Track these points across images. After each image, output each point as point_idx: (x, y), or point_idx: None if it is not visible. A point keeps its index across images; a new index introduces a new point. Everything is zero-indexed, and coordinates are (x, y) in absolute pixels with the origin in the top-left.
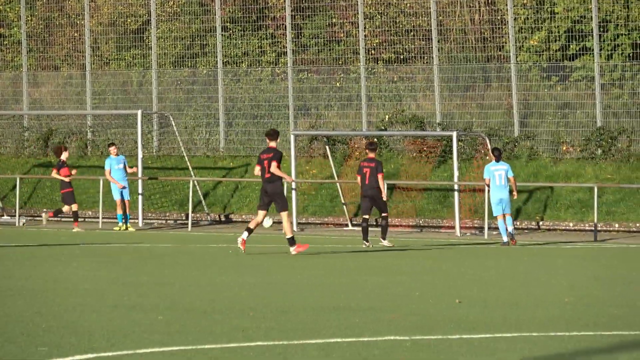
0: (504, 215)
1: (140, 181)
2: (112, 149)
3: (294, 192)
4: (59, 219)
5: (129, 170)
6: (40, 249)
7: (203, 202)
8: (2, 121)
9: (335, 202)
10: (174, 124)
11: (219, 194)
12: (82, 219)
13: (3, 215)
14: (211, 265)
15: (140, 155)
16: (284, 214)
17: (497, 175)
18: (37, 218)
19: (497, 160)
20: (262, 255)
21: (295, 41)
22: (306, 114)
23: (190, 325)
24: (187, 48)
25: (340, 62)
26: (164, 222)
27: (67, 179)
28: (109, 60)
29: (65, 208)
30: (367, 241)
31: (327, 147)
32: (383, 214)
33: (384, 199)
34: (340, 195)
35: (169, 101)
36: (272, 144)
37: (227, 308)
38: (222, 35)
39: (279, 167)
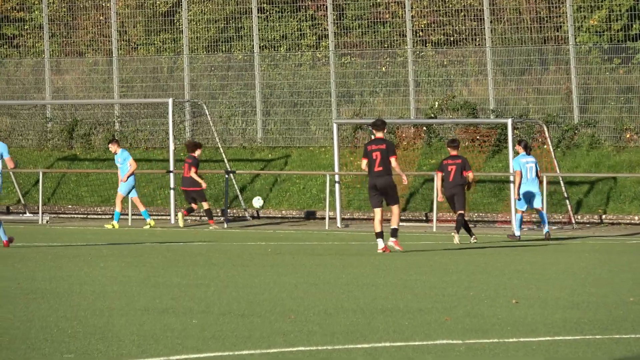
0: (527, 211)
1: (171, 175)
2: (112, 146)
3: (337, 185)
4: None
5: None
6: (66, 248)
7: (240, 196)
8: (23, 111)
9: None
10: (207, 113)
11: (256, 188)
12: (110, 216)
13: (25, 213)
14: (249, 264)
15: (171, 147)
16: (397, 207)
17: (528, 168)
18: (62, 215)
19: (527, 153)
20: (304, 253)
21: (337, 23)
22: (349, 101)
23: (226, 330)
24: (221, 31)
25: (385, 45)
26: (197, 218)
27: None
28: (137, 45)
29: (206, 205)
30: (473, 235)
31: (372, 136)
32: (460, 211)
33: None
34: None
35: (202, 89)
36: (380, 134)
37: (266, 311)
38: (258, 17)
39: (396, 160)
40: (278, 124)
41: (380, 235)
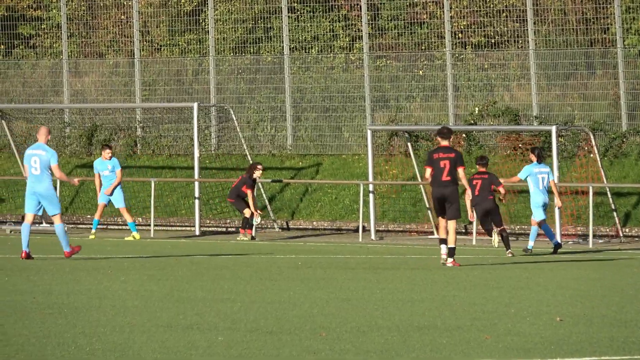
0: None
1: (196, 184)
2: (107, 152)
3: (371, 195)
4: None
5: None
6: (84, 260)
7: (268, 207)
8: (40, 116)
9: (418, 206)
10: (234, 119)
11: (286, 197)
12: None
13: (41, 222)
14: (277, 278)
15: (196, 155)
16: (454, 223)
17: (541, 179)
18: (80, 226)
19: (539, 162)
20: (335, 267)
21: (371, 23)
22: (384, 107)
23: (254, 348)
24: (249, 32)
25: (423, 47)
26: (223, 229)
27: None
28: (161, 46)
29: (247, 212)
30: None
31: (408, 143)
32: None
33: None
34: (425, 199)
35: (228, 92)
36: (446, 142)
37: (296, 328)
38: (289, 17)
39: (464, 171)
40: (309, 130)
41: (444, 241)
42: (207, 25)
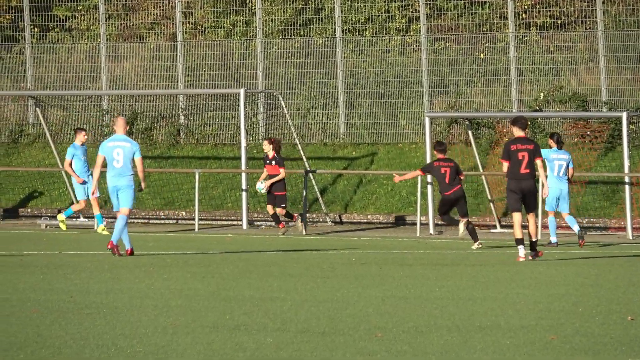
0: (556, 212)
1: (243, 175)
2: (82, 135)
3: (429, 187)
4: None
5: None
6: (124, 257)
7: (320, 199)
8: (77, 103)
9: (480, 198)
10: (284, 106)
11: (338, 189)
12: (175, 221)
13: (79, 217)
14: (330, 276)
15: (243, 144)
16: (533, 215)
17: (558, 165)
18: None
19: (559, 148)
20: (392, 263)
21: (429, 4)
22: (443, 92)
23: (305, 350)
24: (298, 13)
25: (484, 29)
26: (272, 223)
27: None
28: (205, 28)
29: (279, 210)
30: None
31: (469, 131)
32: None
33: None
34: (487, 190)
35: (277, 78)
36: (522, 133)
37: (350, 328)
38: None
39: (542, 162)
40: (363, 118)
41: (521, 242)
42: (255, 6)
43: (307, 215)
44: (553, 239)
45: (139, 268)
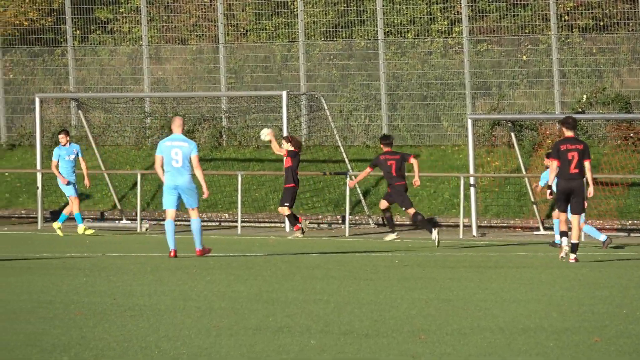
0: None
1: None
2: (62, 137)
3: (472, 189)
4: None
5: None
6: (167, 259)
7: (363, 201)
8: (119, 105)
9: (523, 200)
10: (326, 108)
11: (381, 191)
12: (218, 223)
13: (122, 219)
14: (373, 278)
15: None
16: (578, 217)
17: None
18: (162, 222)
19: None
20: (435, 266)
21: (472, 6)
22: (486, 94)
23: (348, 351)
24: (341, 15)
25: (526, 31)
26: (316, 225)
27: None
28: (247, 30)
29: (281, 209)
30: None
31: (512, 133)
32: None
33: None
34: (530, 192)
35: (319, 80)
36: (571, 133)
37: (394, 330)
38: None
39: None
40: (405, 120)
41: (565, 234)
42: (297, 8)
43: (350, 217)
44: (557, 238)
45: (182, 270)
